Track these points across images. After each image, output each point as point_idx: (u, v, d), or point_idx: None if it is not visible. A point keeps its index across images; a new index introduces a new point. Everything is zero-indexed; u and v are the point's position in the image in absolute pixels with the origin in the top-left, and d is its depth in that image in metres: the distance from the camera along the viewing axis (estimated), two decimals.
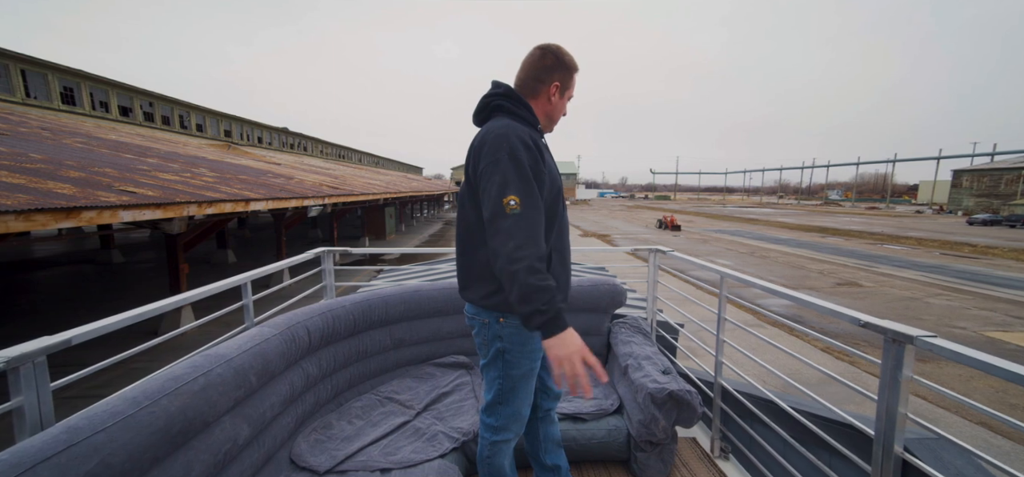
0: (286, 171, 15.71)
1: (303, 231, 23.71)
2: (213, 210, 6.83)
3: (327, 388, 2.02)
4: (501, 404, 1.51)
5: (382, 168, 47.37)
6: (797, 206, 77.04)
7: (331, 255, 2.86)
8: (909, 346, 1.24)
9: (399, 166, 55.43)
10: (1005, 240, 25.41)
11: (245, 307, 2.00)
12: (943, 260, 18.03)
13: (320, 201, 11.08)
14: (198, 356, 1.47)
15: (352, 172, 26.94)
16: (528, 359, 1.47)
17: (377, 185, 19.98)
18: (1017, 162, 46.92)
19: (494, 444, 1.55)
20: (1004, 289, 12.61)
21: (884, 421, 1.30)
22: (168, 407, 1.21)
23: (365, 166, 42.22)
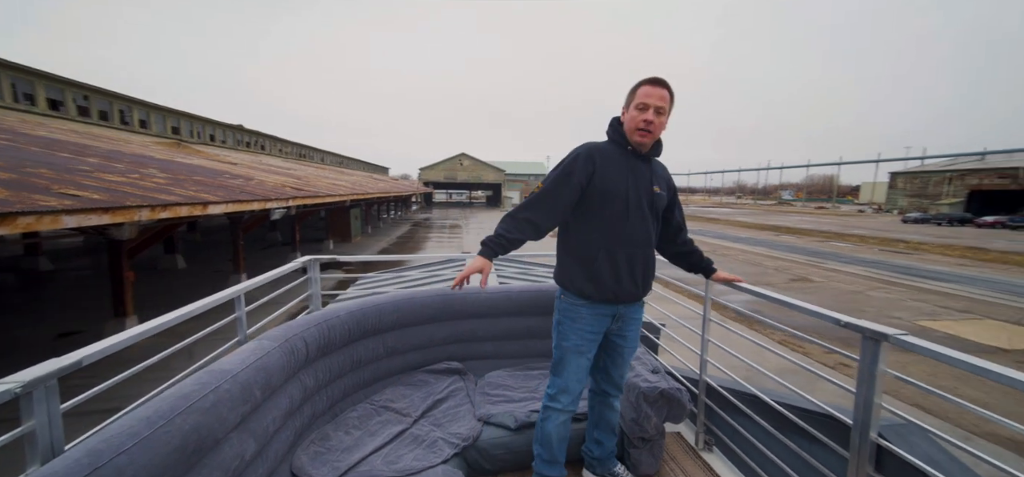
0: (244, 171, 14.90)
1: (261, 234, 22.57)
2: (168, 214, 6.36)
3: (323, 399, 2.01)
4: (555, 374, 1.83)
5: (346, 168, 45.84)
6: (754, 206, 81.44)
7: (317, 264, 2.78)
8: (884, 343, 1.35)
9: (364, 166, 53.92)
10: (933, 237, 27.88)
11: (238, 320, 1.96)
12: (882, 256, 19.56)
13: (283, 203, 10.59)
14: (204, 372, 1.45)
15: (315, 172, 25.93)
16: (576, 335, 1.76)
17: (342, 186, 19.35)
18: (942, 166, 51.67)
19: (546, 408, 1.85)
20: (932, 282, 13.86)
21: (862, 411, 1.41)
22: (182, 425, 1.22)
23: (328, 166, 40.72)
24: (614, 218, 1.69)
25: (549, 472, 1.86)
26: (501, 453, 2.00)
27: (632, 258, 1.72)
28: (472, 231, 29.48)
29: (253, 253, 17.55)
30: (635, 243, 1.72)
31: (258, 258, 16.56)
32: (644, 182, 1.73)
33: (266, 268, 2.43)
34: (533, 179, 76.56)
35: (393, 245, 22.95)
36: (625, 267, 1.71)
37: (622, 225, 1.70)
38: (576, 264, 1.74)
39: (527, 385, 2.44)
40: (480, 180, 66.08)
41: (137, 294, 8.25)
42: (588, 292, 1.72)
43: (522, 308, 2.68)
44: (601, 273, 1.70)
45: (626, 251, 1.71)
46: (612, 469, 2.02)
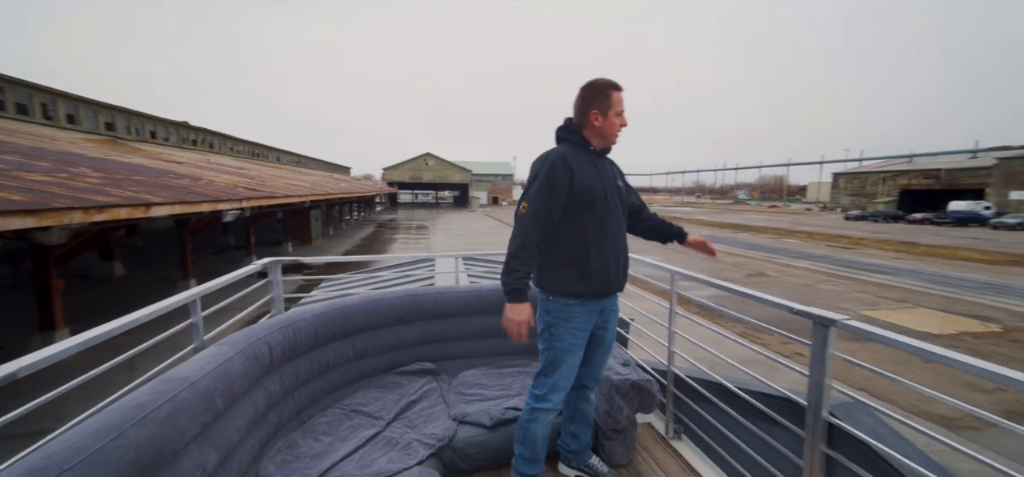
0: (191, 170, 13.91)
1: (211, 238, 21.19)
2: (104, 217, 5.77)
3: (289, 406, 1.94)
4: (545, 375, 1.82)
5: (304, 167, 43.87)
6: (712, 205, 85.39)
7: (278, 266, 2.66)
8: (832, 328, 1.46)
9: (324, 166, 51.86)
10: (872, 233, 30.26)
11: (194, 326, 1.87)
12: (828, 251, 20.99)
13: (236, 204, 9.95)
14: (159, 381, 1.37)
15: (271, 172, 24.66)
16: (570, 335, 1.78)
17: (301, 186, 18.50)
18: (878, 167, 56.23)
19: (534, 411, 1.83)
20: (872, 274, 14.98)
21: (814, 392, 1.51)
22: (136, 438, 1.14)
23: (285, 165, 38.79)
24: (597, 217, 1.76)
25: (530, 471, 1.87)
26: (477, 451, 1.99)
27: (616, 252, 1.81)
28: (439, 232, 29.07)
29: (203, 258, 16.43)
30: (617, 237, 1.81)
31: (209, 263, 15.52)
32: (610, 178, 1.84)
33: (219, 273, 2.29)
34: (500, 179, 76.60)
35: (357, 247, 22.22)
36: (612, 261, 1.79)
37: (604, 222, 1.77)
38: (566, 266, 1.76)
39: (501, 383, 2.43)
40: (446, 180, 65.31)
41: (67, 305, 7.47)
42: (581, 290, 1.76)
43: (494, 306, 2.66)
44: (593, 271, 1.75)
45: (611, 246, 1.79)
46: (587, 461, 2.05)
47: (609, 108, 1.75)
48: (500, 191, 75.69)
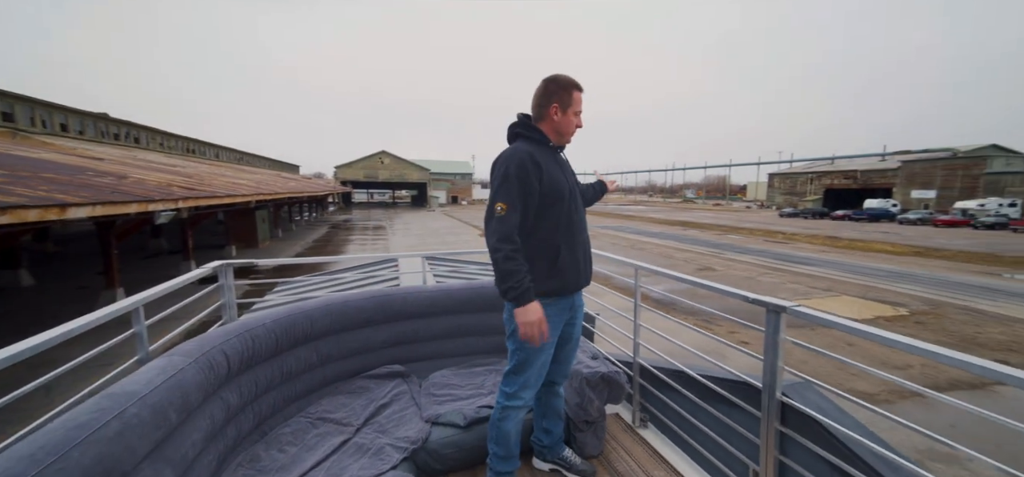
0: (114, 168, 12.56)
1: (140, 242, 19.29)
2: (7, 219, 5.05)
3: (249, 417, 1.85)
4: (515, 374, 1.80)
5: (247, 165, 40.98)
6: (663, 203, 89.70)
7: (230, 269, 2.49)
8: (783, 314, 1.58)
9: (269, 164, 48.76)
10: (802, 228, 33.15)
11: (137, 335, 1.74)
12: (766, 246, 22.73)
13: (172, 205, 9.11)
14: (102, 397, 1.26)
15: (209, 170, 22.80)
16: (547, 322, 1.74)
17: (245, 185, 17.27)
18: (806, 168, 61.64)
19: (505, 409, 1.82)
20: (803, 266, 16.43)
21: (769, 374, 1.62)
22: (81, 460, 1.05)
23: (224, 163, 35.98)
24: (565, 213, 1.77)
25: (505, 468, 1.87)
26: (452, 452, 1.97)
27: (584, 246, 1.84)
28: (398, 232, 28.30)
29: (132, 265, 14.92)
30: (582, 231, 1.84)
31: (139, 270, 14.11)
32: (571, 174, 1.88)
33: (152, 281, 2.08)
34: (460, 178, 75.91)
35: (310, 249, 21.13)
36: (582, 257, 1.82)
37: (572, 218, 1.79)
38: (538, 264, 1.73)
39: (473, 382, 2.42)
40: (404, 179, 63.68)
41: None
42: (554, 288, 1.75)
43: (462, 306, 2.65)
44: (565, 267, 1.76)
45: (580, 241, 1.81)
46: (561, 454, 2.07)
47: (569, 105, 1.76)
48: (460, 190, 74.97)
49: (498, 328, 2.62)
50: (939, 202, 41.48)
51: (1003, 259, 18.27)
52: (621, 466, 2.10)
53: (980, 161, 40.38)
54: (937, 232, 30.49)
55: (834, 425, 1.48)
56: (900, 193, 45.48)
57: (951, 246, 22.20)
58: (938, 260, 18.09)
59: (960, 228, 33.06)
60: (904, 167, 46.04)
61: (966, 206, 36.44)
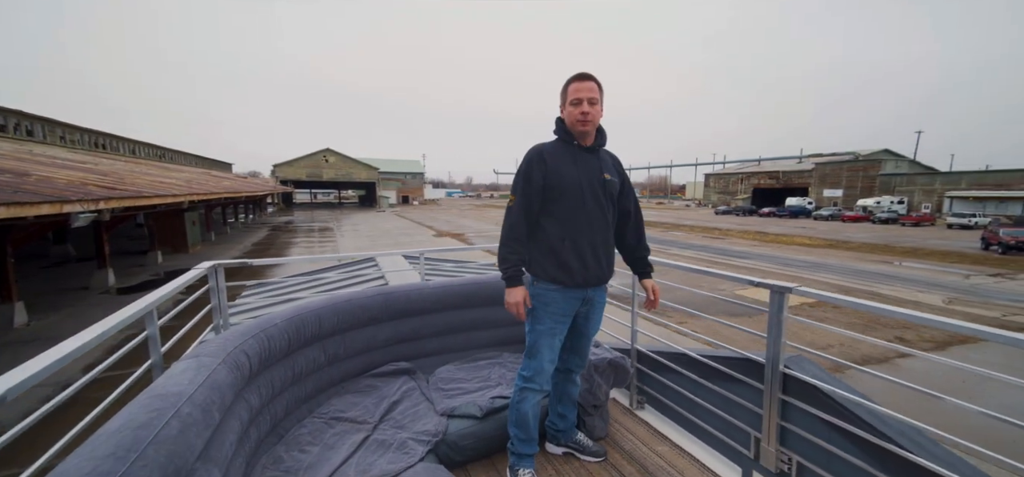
0: (9, 164, 10.85)
1: (41, 248, 16.86)
2: None
3: (266, 419, 1.84)
4: (529, 357, 1.92)
5: (170, 163, 36.99)
6: None
7: (221, 270, 2.41)
8: (788, 294, 1.76)
9: (197, 161, 44.40)
10: (735, 224, 36.12)
11: (151, 338, 1.74)
12: (705, 241, 24.53)
13: (91, 206, 8.05)
14: (150, 398, 1.27)
15: (128, 167, 20.35)
16: (550, 319, 1.86)
17: (173, 184, 15.68)
18: (737, 169, 67.19)
19: (522, 390, 1.92)
20: (738, 259, 17.98)
21: (773, 348, 1.79)
22: (156, 457, 1.08)
23: (144, 160, 32.16)
24: (572, 210, 1.82)
25: (526, 450, 1.95)
26: (471, 443, 2.02)
27: (594, 244, 1.86)
28: (347, 234, 27.06)
29: (31, 275, 13.00)
30: (595, 230, 1.85)
31: (42, 281, 12.32)
32: (593, 172, 1.87)
33: (60, 294, 1.94)
34: (410, 178, 73.92)
35: (249, 253, 19.59)
36: (590, 254, 1.84)
37: (581, 215, 1.83)
38: (545, 255, 1.84)
39: (478, 375, 2.45)
40: (350, 178, 60.84)
41: None
42: (560, 279, 1.83)
43: (465, 301, 2.67)
44: (569, 262, 1.82)
45: (588, 238, 1.84)
46: (574, 438, 2.18)
47: (565, 100, 1.84)
48: (411, 190, 72.94)
49: (499, 321, 2.74)
50: (845, 200, 47.07)
51: (895, 249, 21.16)
52: (627, 445, 2.25)
53: (876, 163, 46.36)
54: (844, 226, 34.61)
55: (829, 388, 1.67)
56: (814, 192, 51.01)
57: (856, 239, 25.30)
58: (846, 251, 20.55)
59: (862, 223, 37.75)
60: (817, 168, 51.67)
61: (866, 203, 41.71)
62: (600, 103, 1.84)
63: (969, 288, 13.14)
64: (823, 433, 1.69)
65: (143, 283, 12.92)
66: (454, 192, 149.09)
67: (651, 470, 2.05)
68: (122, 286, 12.32)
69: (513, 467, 1.96)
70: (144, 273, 14.27)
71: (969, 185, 39.24)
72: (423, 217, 42.42)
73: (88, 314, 9.92)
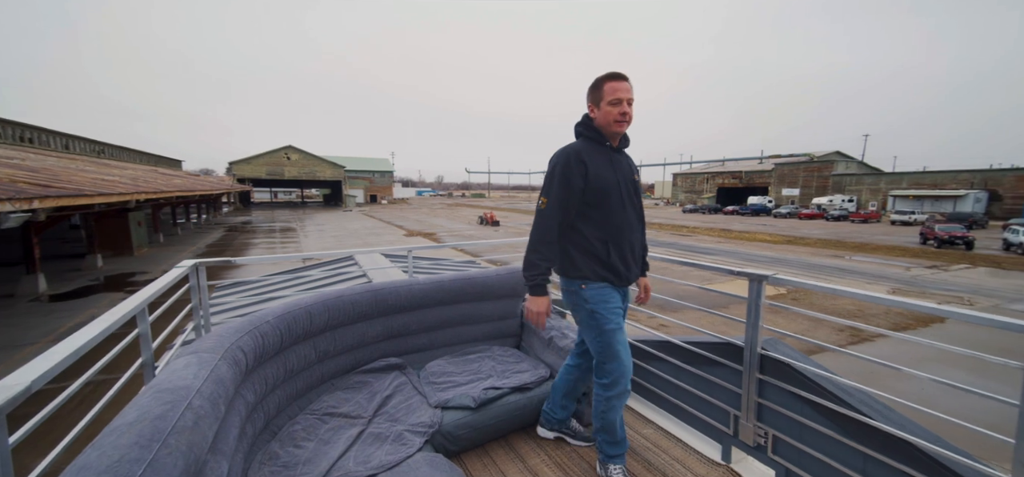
0: None
1: None
2: None
3: (260, 415, 1.85)
4: (606, 361, 1.83)
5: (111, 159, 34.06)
6: None
7: (202, 269, 2.39)
8: (765, 282, 1.88)
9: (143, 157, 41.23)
10: (701, 222, 37.55)
11: (142, 336, 1.74)
12: (674, 238, 25.29)
13: (24, 205, 7.19)
14: (159, 391, 1.28)
15: (61, 164, 18.55)
16: (614, 315, 1.81)
17: (116, 182, 14.41)
18: (702, 169, 69.76)
19: (608, 400, 1.83)
20: (707, 256, 18.61)
21: (751, 332, 1.91)
22: (177, 446, 1.11)
23: (80, 156, 29.40)
24: (612, 211, 1.80)
25: (615, 451, 1.92)
26: (466, 433, 2.06)
27: (633, 246, 1.86)
28: (312, 235, 25.96)
29: None
30: (632, 230, 1.85)
31: None
32: (625, 172, 1.86)
33: None
34: (379, 176, 72.09)
35: (202, 256, 18.36)
36: (630, 254, 1.85)
37: (620, 217, 1.81)
38: (590, 257, 1.81)
39: (469, 368, 2.47)
40: (314, 177, 58.58)
41: None
42: (609, 279, 1.82)
43: (454, 296, 2.68)
44: (615, 263, 1.81)
45: (628, 240, 1.83)
46: (568, 425, 2.22)
47: (601, 98, 1.77)
48: (379, 189, 71.10)
49: (488, 316, 2.83)
50: (802, 198, 49.87)
51: (846, 244, 22.55)
52: None
53: (829, 164, 49.40)
54: (801, 223, 36.67)
55: (801, 365, 1.81)
56: (774, 191, 53.78)
57: (811, 235, 26.79)
58: (803, 247, 21.71)
59: (817, 220, 40.15)
60: (776, 169, 54.48)
61: (820, 202, 44.37)
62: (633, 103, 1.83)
63: (910, 279, 14.15)
64: (795, 407, 1.83)
65: (81, 289, 11.81)
66: (425, 191, 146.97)
67: (638, 451, 2.14)
68: (55, 293, 11.22)
69: (602, 462, 1.95)
70: (82, 278, 13.07)
71: (909, 185, 42.54)
72: (393, 216, 41.44)
73: (22, 323, 8.94)
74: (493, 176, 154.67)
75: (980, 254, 19.34)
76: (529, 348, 2.77)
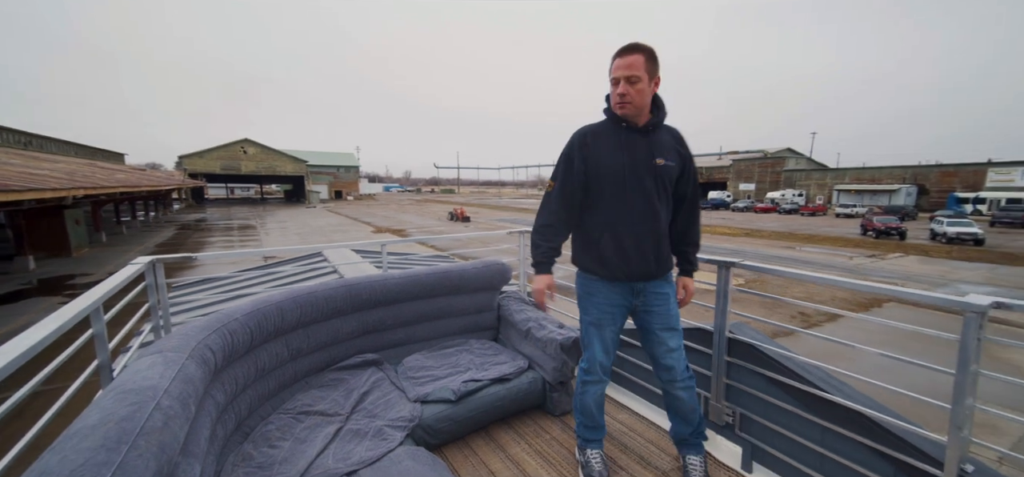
0: None
1: None
2: None
3: (231, 417, 1.79)
4: (583, 348, 1.89)
5: (40, 152, 31.01)
6: None
7: (160, 266, 2.26)
8: (733, 267, 1.96)
9: (79, 150, 37.86)
10: None
11: (97, 337, 1.62)
12: None
13: None
14: (124, 392, 1.21)
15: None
16: (595, 309, 1.80)
17: (51, 176, 13.19)
18: None
19: (583, 384, 1.89)
20: None
21: (720, 317, 2.01)
22: (149, 448, 1.06)
23: (4, 148, 26.48)
24: (613, 197, 1.69)
25: (591, 435, 1.95)
26: (446, 425, 2.06)
27: (638, 236, 1.69)
28: (273, 233, 24.83)
29: None
30: (639, 220, 1.68)
31: None
32: (642, 155, 1.68)
33: None
34: (343, 171, 69.73)
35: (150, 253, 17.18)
36: (632, 246, 1.69)
37: (622, 204, 1.68)
38: (585, 245, 1.79)
39: (447, 362, 2.45)
40: (274, 171, 55.87)
41: None
42: (599, 271, 1.76)
43: (430, 290, 2.65)
44: (606, 254, 1.72)
45: (631, 229, 1.68)
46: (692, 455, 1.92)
47: (611, 77, 1.65)
48: (344, 184, 68.69)
49: (465, 310, 2.81)
50: (757, 193, 52.61)
51: (797, 236, 24.07)
52: None
53: (781, 160, 52.35)
54: (757, 217, 38.71)
55: (766, 347, 1.92)
56: (732, 186, 56.43)
57: (766, 228, 28.39)
58: (759, 238, 22.99)
59: (771, 213, 42.49)
60: (734, 164, 57.18)
61: (773, 196, 47.01)
62: (646, 79, 1.60)
63: (852, 267, 15.31)
64: (760, 386, 1.95)
65: (10, 294, 10.76)
66: (392, 187, 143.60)
67: (615, 436, 2.21)
68: None
69: (580, 448, 1.97)
70: (11, 282, 11.91)
71: (851, 180, 45.80)
72: (359, 213, 40.30)
73: None
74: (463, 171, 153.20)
75: (911, 243, 21.16)
76: (507, 340, 2.79)
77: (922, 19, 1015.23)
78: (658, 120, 1.71)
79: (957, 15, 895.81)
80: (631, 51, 1.60)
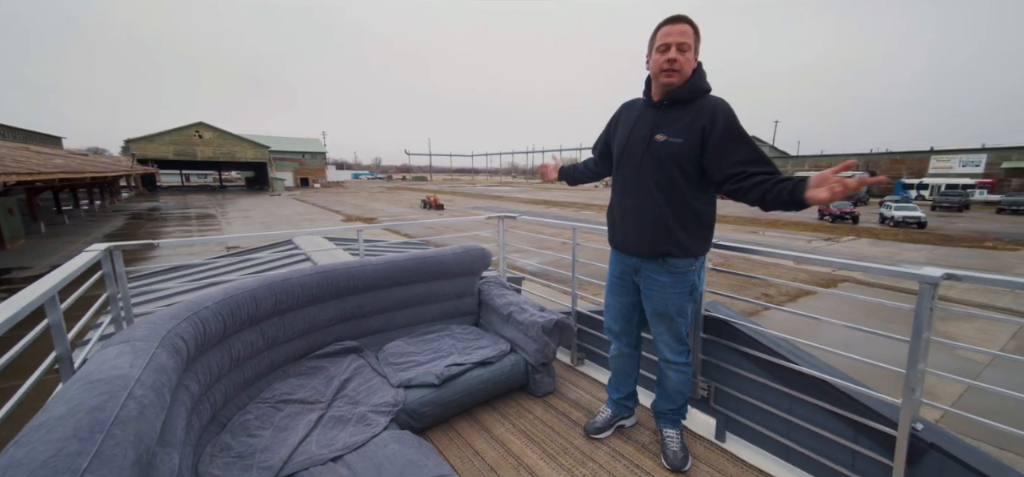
0: None
1: None
2: None
3: (206, 407, 1.75)
4: None
5: None
6: (526, 184, 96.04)
7: (118, 254, 2.06)
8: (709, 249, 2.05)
9: (9, 133, 34.61)
10: None
11: (54, 327, 1.50)
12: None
13: None
14: (87, 382, 1.14)
15: None
16: (610, 271, 2.00)
17: None
18: None
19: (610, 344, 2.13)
20: None
21: (699, 298, 2.06)
22: (125, 437, 1.02)
23: None
24: (618, 170, 1.83)
25: (612, 394, 2.14)
26: (431, 409, 2.07)
27: (626, 210, 1.79)
28: (235, 222, 23.67)
29: None
30: (628, 194, 1.77)
31: None
32: (643, 131, 1.67)
33: None
34: (309, 157, 67.09)
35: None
36: (624, 218, 1.81)
37: (619, 178, 1.82)
38: (609, 210, 1.96)
39: (429, 348, 2.44)
40: (234, 157, 53.00)
41: None
42: (610, 236, 1.96)
43: (409, 276, 2.63)
44: (613, 224, 1.90)
45: (627, 203, 1.79)
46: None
47: (653, 46, 1.63)
48: (310, 171, 66.10)
49: (445, 295, 2.82)
50: None
51: (760, 221, 25.23)
52: (573, 395, 2.48)
53: None
54: (724, 203, 39.82)
55: (739, 322, 2.04)
56: None
57: (733, 214, 29.51)
58: (727, 224, 23.93)
59: None
60: None
61: None
62: (693, 49, 1.57)
63: (812, 250, 16.23)
64: (733, 360, 2.06)
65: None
66: (362, 174, 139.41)
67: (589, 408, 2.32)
68: None
69: (607, 403, 2.17)
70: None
71: (810, 167, 48.25)
72: (328, 201, 39.01)
73: None
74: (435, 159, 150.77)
75: (863, 227, 22.59)
76: (488, 325, 2.79)
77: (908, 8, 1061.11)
78: (680, 97, 1.62)
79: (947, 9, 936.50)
80: (682, 20, 1.57)
